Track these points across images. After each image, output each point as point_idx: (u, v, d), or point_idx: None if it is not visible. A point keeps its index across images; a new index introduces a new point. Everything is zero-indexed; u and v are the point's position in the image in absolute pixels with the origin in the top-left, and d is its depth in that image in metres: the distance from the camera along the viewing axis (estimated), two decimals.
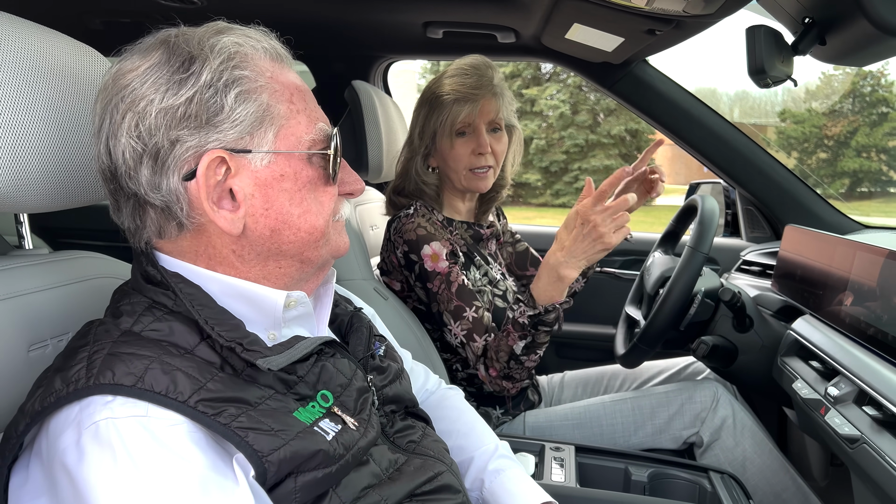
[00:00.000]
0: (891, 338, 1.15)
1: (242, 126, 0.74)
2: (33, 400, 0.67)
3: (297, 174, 0.78)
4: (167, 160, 0.73)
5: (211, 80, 0.73)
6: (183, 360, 0.69)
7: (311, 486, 0.70)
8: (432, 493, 0.85)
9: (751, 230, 2.23)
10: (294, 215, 0.79)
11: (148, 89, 0.72)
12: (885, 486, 1.03)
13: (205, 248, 0.78)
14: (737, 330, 1.59)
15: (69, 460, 0.61)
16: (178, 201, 0.74)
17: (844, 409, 1.16)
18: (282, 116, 0.77)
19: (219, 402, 0.67)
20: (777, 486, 1.56)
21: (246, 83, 0.75)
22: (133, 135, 0.72)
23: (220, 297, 0.77)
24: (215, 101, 0.73)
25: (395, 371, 0.97)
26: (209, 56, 0.73)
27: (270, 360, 0.72)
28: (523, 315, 1.38)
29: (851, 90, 18.58)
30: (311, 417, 0.74)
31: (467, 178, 1.61)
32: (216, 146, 0.73)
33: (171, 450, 0.63)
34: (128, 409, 0.63)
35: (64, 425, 0.64)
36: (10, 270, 0.87)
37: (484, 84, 1.56)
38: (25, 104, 0.80)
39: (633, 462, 1.42)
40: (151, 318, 0.73)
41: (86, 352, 0.69)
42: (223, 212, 0.75)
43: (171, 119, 0.72)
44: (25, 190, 0.81)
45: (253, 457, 0.66)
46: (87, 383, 0.65)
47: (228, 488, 0.64)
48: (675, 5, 1.29)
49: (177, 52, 0.74)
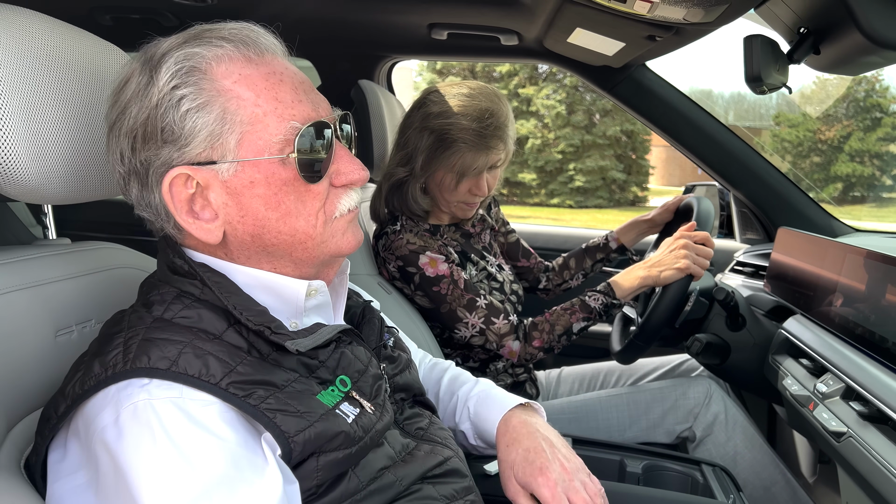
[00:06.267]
0: (878, 337, 1.20)
1: (200, 139, 0.74)
2: (73, 383, 0.71)
3: (268, 178, 0.76)
4: (148, 179, 0.76)
5: (159, 101, 0.73)
6: (213, 345, 0.73)
7: (332, 465, 0.75)
8: (442, 476, 0.89)
9: (744, 232, 2.28)
10: (272, 219, 0.78)
11: (114, 114, 0.77)
12: (870, 478, 1.08)
13: (213, 246, 0.81)
14: (730, 328, 1.64)
15: (109, 438, 0.65)
16: (163, 215, 0.78)
17: (832, 405, 1.21)
18: (244, 122, 0.75)
19: (248, 384, 0.71)
20: (767, 480, 1.61)
21: (196, 97, 0.74)
22: (117, 158, 0.78)
23: (244, 288, 0.80)
24: (168, 119, 0.74)
25: (405, 361, 1.02)
26: (158, 75, 0.74)
27: (298, 342, 0.76)
28: (597, 301, 1.57)
29: (846, 95, 18.69)
30: (333, 401, 0.78)
31: (458, 207, 1.65)
32: (180, 163, 0.75)
33: (206, 428, 0.67)
34: (163, 391, 0.68)
35: (102, 405, 0.68)
36: (36, 259, 0.91)
37: (498, 133, 1.55)
38: (53, 99, 0.84)
39: (628, 454, 1.46)
40: (181, 307, 0.77)
41: (121, 338, 0.73)
42: (200, 222, 0.77)
43: (135, 141, 0.75)
44: (51, 182, 0.84)
45: (280, 437, 0.70)
46: (124, 367, 0.69)
47: (259, 465, 0.68)
48: (676, 13, 1.33)
49: (147, 66, 0.76)
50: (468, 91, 1.57)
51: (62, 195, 0.88)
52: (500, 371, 1.72)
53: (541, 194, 19.01)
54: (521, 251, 1.99)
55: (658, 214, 1.90)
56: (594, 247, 1.96)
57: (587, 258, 1.96)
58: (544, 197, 18.95)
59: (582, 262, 1.96)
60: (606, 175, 18.57)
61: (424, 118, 1.57)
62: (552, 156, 18.59)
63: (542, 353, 1.57)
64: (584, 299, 1.58)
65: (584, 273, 1.97)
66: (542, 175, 18.91)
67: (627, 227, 1.94)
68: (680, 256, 1.52)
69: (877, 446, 1.05)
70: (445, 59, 2.51)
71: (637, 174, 19.58)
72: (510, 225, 2.00)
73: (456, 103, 1.55)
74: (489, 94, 1.58)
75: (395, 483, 0.82)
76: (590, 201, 18.69)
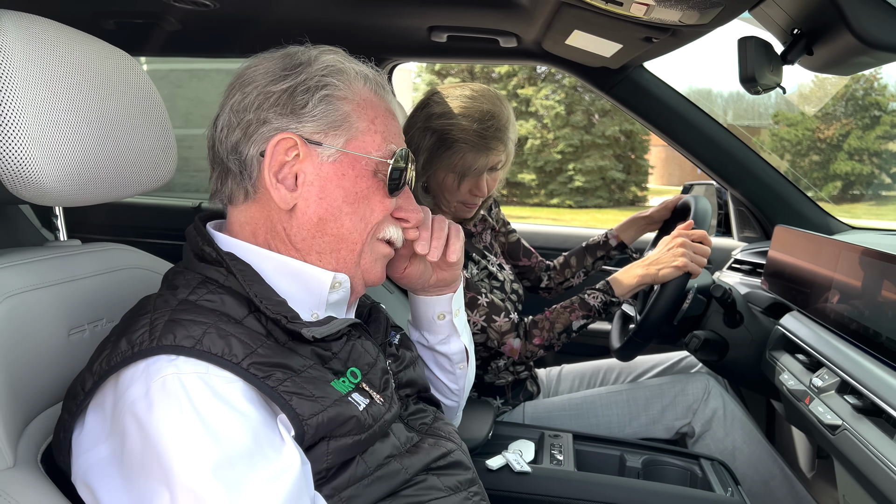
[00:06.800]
0: (872, 332, 1.22)
1: (319, 123, 0.87)
2: (100, 360, 0.75)
3: (357, 178, 0.89)
4: (253, 134, 0.85)
5: (305, 81, 0.86)
6: (235, 328, 0.77)
7: (342, 450, 0.78)
8: (446, 467, 0.92)
9: (742, 230, 2.30)
10: (343, 211, 0.88)
11: (259, 77, 0.88)
12: (865, 470, 1.10)
13: (264, 221, 0.88)
14: (728, 325, 1.66)
15: (139, 409, 0.69)
16: (249, 170, 0.86)
17: (827, 399, 1.23)
18: (360, 129, 0.89)
19: (268, 366, 0.75)
20: (765, 475, 1.64)
21: (332, 90, 0.88)
22: (234, 109, 0.86)
23: (270, 275, 0.86)
24: (303, 98, 0.86)
25: (410, 358, 1.05)
26: (312, 64, 0.88)
27: (313, 329, 0.81)
28: (596, 299, 1.58)
29: (844, 94, 18.72)
30: (345, 389, 0.82)
31: (458, 207, 1.67)
32: (292, 132, 0.86)
33: (229, 404, 0.71)
34: (191, 366, 0.72)
35: (131, 380, 0.71)
36: (49, 260, 0.93)
37: (499, 135, 1.58)
38: (66, 103, 0.86)
39: (628, 449, 1.49)
40: (205, 291, 0.81)
41: (147, 318, 0.77)
42: (281, 187, 0.85)
43: (264, 101, 0.86)
44: (65, 184, 0.87)
45: (295, 419, 0.74)
46: (150, 344, 0.73)
47: (276, 443, 0.72)
48: (672, 16, 1.35)
49: (292, 58, 0.89)
50: (471, 93, 1.60)
51: (75, 197, 0.90)
52: (502, 369, 1.75)
53: (540, 194, 19.05)
54: (522, 251, 2.01)
55: (656, 212, 1.92)
56: (594, 245, 1.98)
57: (588, 256, 1.98)
58: (544, 197, 18.99)
59: (583, 260, 1.99)
60: (606, 175, 18.61)
61: (427, 118, 1.61)
62: (551, 156, 18.64)
63: (542, 351, 1.60)
64: (583, 297, 1.60)
65: (586, 271, 1.99)
66: (541, 175, 18.95)
67: (626, 224, 1.97)
68: (678, 254, 1.54)
69: (871, 439, 1.08)
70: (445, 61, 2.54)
71: (636, 174, 19.62)
72: (511, 225, 2.03)
73: (458, 104, 1.59)
74: (491, 96, 1.61)
75: (401, 471, 0.85)
76: (589, 201, 18.73)
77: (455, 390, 1.20)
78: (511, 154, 1.65)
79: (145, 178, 1.01)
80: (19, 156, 0.79)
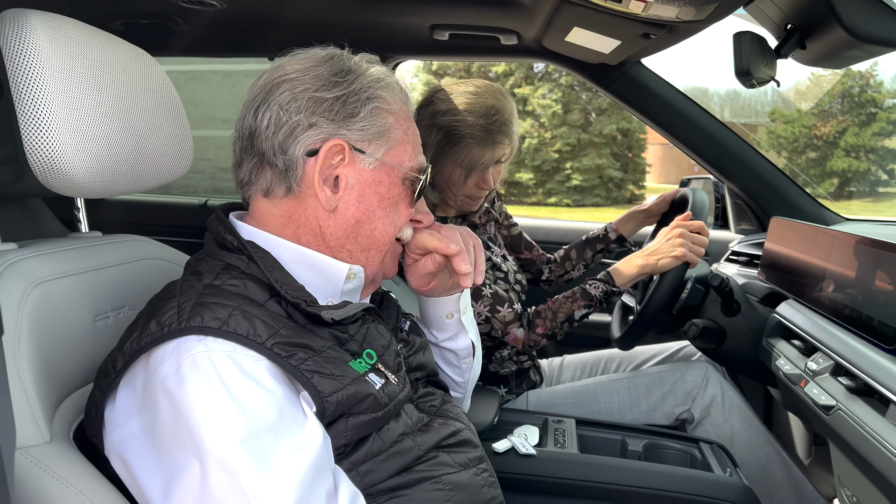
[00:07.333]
0: (864, 316, 1.26)
1: (366, 132, 0.92)
2: (130, 341, 0.79)
3: (391, 185, 0.95)
4: (300, 135, 0.89)
5: (358, 90, 0.92)
6: (258, 310, 0.82)
7: (359, 427, 0.83)
8: (456, 445, 0.96)
9: (739, 223, 2.34)
10: (377, 215, 0.95)
11: (309, 80, 0.90)
12: (858, 447, 1.14)
13: (298, 216, 0.92)
14: (725, 314, 1.70)
15: (171, 385, 0.73)
16: (295, 168, 0.89)
17: (822, 381, 1.27)
18: (396, 140, 0.96)
19: (290, 346, 0.80)
20: (763, 459, 1.68)
21: (381, 103, 0.94)
22: (284, 107, 0.89)
23: (289, 264, 0.90)
24: (355, 107, 0.91)
25: (419, 343, 1.09)
26: (363, 73, 0.94)
27: (332, 312, 0.85)
28: (597, 289, 1.63)
29: (841, 90, 18.78)
30: (362, 369, 0.86)
31: (464, 200, 1.72)
32: (342, 139, 0.90)
33: (255, 380, 0.75)
34: (219, 345, 0.76)
35: (162, 358, 0.76)
36: (74, 250, 0.98)
37: (504, 129, 1.62)
38: (91, 99, 0.90)
39: (630, 434, 1.53)
40: (228, 276, 0.86)
41: (175, 301, 0.81)
42: (326, 189, 0.90)
43: (316, 106, 0.90)
44: (91, 176, 0.91)
45: (316, 396, 0.78)
46: (179, 326, 0.77)
47: (300, 418, 0.77)
48: (669, 12, 1.39)
49: (339, 63, 0.93)
50: (474, 89, 1.64)
51: (100, 189, 0.94)
52: (505, 359, 1.79)
53: (538, 193, 19.07)
54: (523, 243, 2.05)
55: (655, 205, 1.97)
56: (594, 238, 2.02)
57: (588, 249, 2.02)
58: (542, 196, 19.01)
59: (583, 252, 2.03)
60: (603, 173, 18.64)
61: (432, 115, 1.64)
62: (549, 155, 18.65)
63: (545, 340, 1.64)
64: (584, 287, 1.64)
65: (585, 263, 2.03)
66: (539, 174, 18.98)
67: (625, 217, 2.01)
68: (676, 245, 1.58)
69: (864, 417, 1.12)
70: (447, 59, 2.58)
71: (634, 172, 19.65)
72: (513, 218, 2.07)
73: (463, 101, 1.62)
74: (494, 91, 1.65)
75: (414, 448, 0.89)
76: (587, 200, 18.76)
77: (461, 383, 1.24)
78: (515, 146, 1.69)
79: (164, 171, 1.05)
80: (51, 148, 0.83)
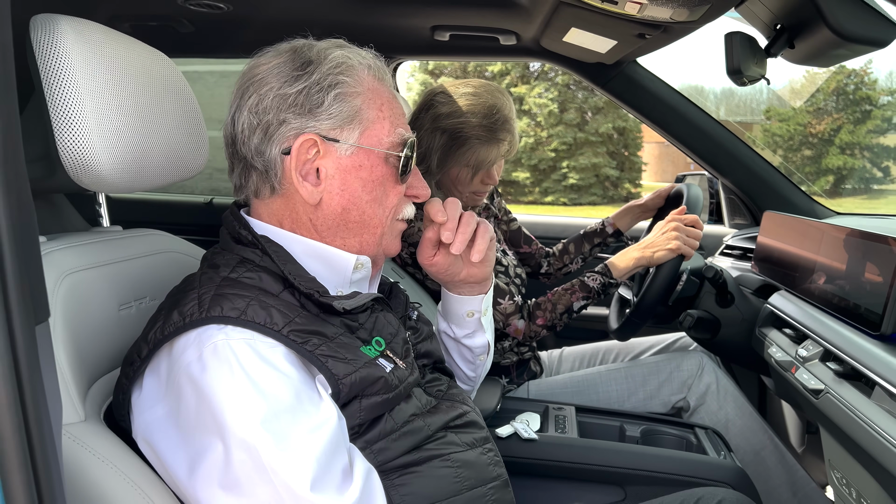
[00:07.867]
0: (852, 304, 1.31)
1: (335, 120, 0.92)
2: (154, 331, 0.84)
3: (373, 167, 0.95)
4: (273, 134, 0.91)
5: (319, 80, 0.91)
6: (274, 300, 0.86)
7: (372, 407, 0.88)
8: (463, 426, 1.01)
9: (733, 217, 2.39)
10: (363, 200, 0.95)
11: (272, 79, 0.91)
12: (846, 428, 1.19)
13: (289, 212, 0.95)
14: (719, 305, 1.75)
15: (194, 371, 0.78)
16: (274, 168, 0.92)
17: (811, 367, 1.32)
18: (370, 120, 0.94)
19: (305, 333, 0.84)
20: (756, 445, 1.73)
21: (345, 87, 0.92)
22: (253, 111, 0.91)
23: (300, 257, 0.94)
24: (318, 97, 0.91)
25: (427, 332, 1.14)
26: (324, 61, 0.92)
27: (343, 301, 0.90)
28: (595, 281, 1.67)
29: (836, 88, 18.86)
30: (373, 354, 0.91)
31: (469, 198, 1.77)
32: (312, 131, 0.90)
33: (273, 365, 0.80)
34: (238, 333, 0.81)
35: (185, 346, 0.81)
36: (99, 244, 1.02)
37: (506, 126, 1.67)
38: (116, 99, 0.95)
39: (628, 420, 1.58)
40: (244, 269, 0.90)
41: (195, 293, 0.86)
42: (306, 184, 0.92)
43: (282, 103, 0.91)
44: (117, 172, 0.95)
45: (331, 379, 0.83)
46: (200, 316, 0.82)
47: (316, 400, 0.82)
48: (663, 13, 1.44)
49: (300, 55, 0.93)
50: (473, 90, 1.69)
51: (125, 184, 0.99)
52: (506, 350, 1.84)
53: (535, 192, 19.10)
54: (522, 238, 2.10)
55: (650, 200, 2.02)
56: (591, 232, 2.07)
57: (585, 243, 2.07)
58: (538, 195, 19.03)
59: (580, 246, 2.08)
60: (599, 172, 18.68)
61: (435, 119, 1.68)
62: (545, 154, 18.68)
63: (545, 331, 1.69)
64: (583, 280, 1.69)
65: (583, 257, 2.09)
66: (535, 173, 19.00)
67: (622, 212, 2.06)
68: (671, 238, 1.63)
69: (851, 400, 1.17)
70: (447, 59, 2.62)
71: (630, 171, 19.69)
72: (512, 214, 2.12)
73: (464, 102, 1.67)
74: (492, 89, 1.70)
75: (424, 428, 0.94)
76: (583, 198, 18.79)
77: (472, 378, 1.29)
78: (516, 141, 1.74)
79: (183, 167, 1.10)
80: (81, 145, 0.88)
